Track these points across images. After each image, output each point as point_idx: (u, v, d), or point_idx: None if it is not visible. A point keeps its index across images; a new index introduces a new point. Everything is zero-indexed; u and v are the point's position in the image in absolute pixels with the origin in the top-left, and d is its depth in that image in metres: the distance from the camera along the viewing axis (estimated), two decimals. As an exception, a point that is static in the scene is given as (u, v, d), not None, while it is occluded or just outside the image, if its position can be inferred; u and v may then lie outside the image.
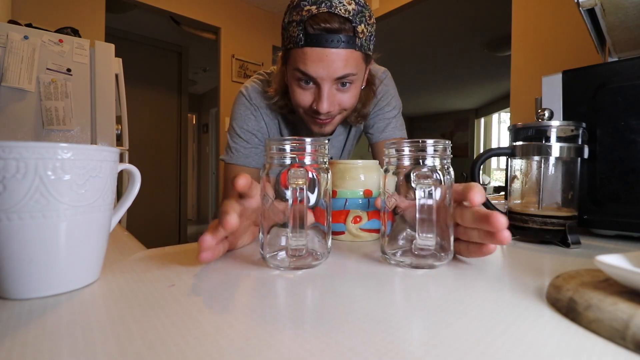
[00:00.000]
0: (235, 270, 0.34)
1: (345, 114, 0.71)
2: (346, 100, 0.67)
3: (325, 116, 0.67)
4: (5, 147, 0.24)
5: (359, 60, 0.63)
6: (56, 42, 1.69)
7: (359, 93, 0.70)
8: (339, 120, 0.71)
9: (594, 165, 0.50)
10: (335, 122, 0.71)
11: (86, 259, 0.29)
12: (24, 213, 0.24)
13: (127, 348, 0.19)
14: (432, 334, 0.21)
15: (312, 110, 0.67)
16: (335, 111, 0.67)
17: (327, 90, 0.63)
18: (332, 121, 0.69)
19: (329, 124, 0.70)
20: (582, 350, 0.19)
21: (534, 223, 0.46)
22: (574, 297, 0.24)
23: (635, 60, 0.47)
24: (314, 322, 0.23)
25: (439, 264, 0.35)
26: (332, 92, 0.64)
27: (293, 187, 0.33)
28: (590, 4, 0.59)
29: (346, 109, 0.69)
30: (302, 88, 0.65)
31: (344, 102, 0.67)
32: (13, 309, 0.24)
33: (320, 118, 0.67)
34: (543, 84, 0.56)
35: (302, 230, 0.33)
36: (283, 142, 0.34)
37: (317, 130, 0.71)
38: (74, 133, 1.74)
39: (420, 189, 0.33)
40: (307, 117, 0.70)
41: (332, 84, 0.63)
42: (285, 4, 0.73)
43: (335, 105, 0.66)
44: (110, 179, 0.30)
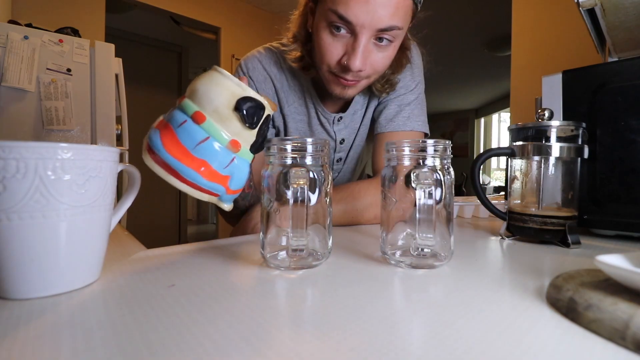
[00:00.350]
0: (236, 270, 0.34)
1: (372, 79, 0.61)
2: (380, 62, 0.57)
3: (353, 76, 0.57)
4: (5, 147, 0.24)
5: (408, 11, 0.53)
6: (56, 42, 1.69)
7: (393, 56, 0.60)
8: (364, 85, 0.61)
9: (594, 165, 0.50)
10: (359, 87, 0.61)
11: (86, 259, 0.29)
12: (24, 213, 0.24)
13: (127, 348, 0.19)
14: (432, 334, 0.21)
15: (339, 67, 0.56)
16: (366, 73, 0.57)
17: (364, 43, 0.53)
18: (357, 84, 0.59)
19: (354, 86, 0.59)
20: (582, 350, 0.19)
21: (534, 223, 0.46)
22: (574, 297, 0.24)
23: (635, 60, 0.47)
24: (314, 322, 0.23)
25: (439, 264, 0.35)
26: (368, 47, 0.54)
27: (294, 187, 0.32)
28: (590, 4, 0.59)
29: (377, 72, 0.59)
30: (333, 36, 0.54)
31: (377, 63, 0.56)
32: (13, 309, 0.24)
33: (347, 78, 0.57)
34: (543, 84, 0.56)
35: (302, 230, 0.33)
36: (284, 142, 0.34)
37: (338, 92, 0.61)
38: (74, 133, 1.74)
39: (420, 189, 0.33)
40: (330, 75, 0.59)
41: (371, 37, 0.53)
42: (285, 5, 0.70)
43: (368, 65, 0.56)
44: (110, 179, 0.30)
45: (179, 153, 0.33)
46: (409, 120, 0.71)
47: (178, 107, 0.35)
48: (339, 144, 0.77)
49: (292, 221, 0.33)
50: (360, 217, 0.62)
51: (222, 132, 0.34)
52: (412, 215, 0.35)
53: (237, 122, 0.34)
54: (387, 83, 0.68)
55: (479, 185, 0.51)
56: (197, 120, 0.33)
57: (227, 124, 0.34)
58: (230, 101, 0.34)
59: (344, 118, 0.74)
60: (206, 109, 0.33)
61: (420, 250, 0.35)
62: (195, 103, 0.34)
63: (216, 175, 0.35)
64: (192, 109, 0.34)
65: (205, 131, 0.33)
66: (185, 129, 0.33)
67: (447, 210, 0.36)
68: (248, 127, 0.35)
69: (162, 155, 0.33)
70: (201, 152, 0.33)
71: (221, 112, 0.34)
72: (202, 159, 0.33)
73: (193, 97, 0.34)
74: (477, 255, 0.41)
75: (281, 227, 0.35)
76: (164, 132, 0.33)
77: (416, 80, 0.73)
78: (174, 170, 0.33)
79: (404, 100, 0.71)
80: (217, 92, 0.34)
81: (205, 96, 0.33)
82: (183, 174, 0.33)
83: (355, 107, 0.74)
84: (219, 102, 0.33)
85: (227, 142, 0.34)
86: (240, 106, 0.34)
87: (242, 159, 0.36)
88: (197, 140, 0.33)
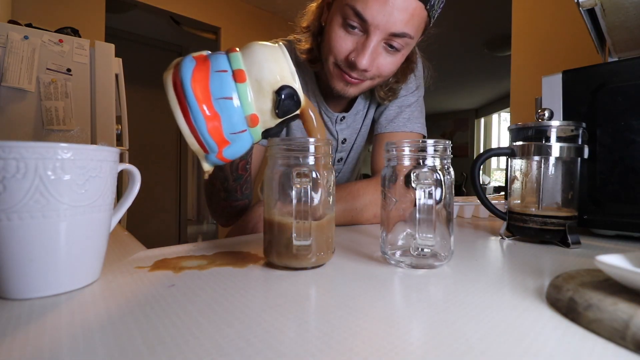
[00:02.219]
0: (236, 270, 0.34)
1: (376, 82, 0.62)
2: (386, 66, 0.58)
3: (358, 74, 0.57)
4: (5, 147, 0.24)
5: (421, 22, 0.54)
6: (56, 42, 1.69)
7: (400, 64, 0.61)
8: (366, 87, 0.62)
9: (594, 165, 0.50)
10: (361, 87, 0.61)
11: (86, 259, 0.29)
12: (24, 213, 0.24)
13: (127, 348, 0.19)
14: (432, 334, 0.21)
15: (346, 62, 0.57)
16: (371, 74, 0.58)
17: (374, 44, 0.54)
18: (360, 84, 0.60)
19: (356, 85, 0.60)
20: (582, 350, 0.19)
21: (534, 223, 0.46)
22: (574, 297, 0.24)
23: (635, 60, 0.47)
24: (314, 322, 0.23)
25: (439, 264, 0.35)
26: (378, 49, 0.55)
27: (297, 187, 0.32)
28: (590, 4, 0.59)
29: (381, 76, 0.60)
30: (347, 32, 0.55)
31: (383, 67, 0.57)
32: (13, 309, 0.24)
33: (352, 75, 0.58)
34: (543, 84, 0.56)
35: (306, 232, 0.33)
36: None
37: (340, 89, 0.61)
38: (74, 133, 1.74)
39: (420, 189, 0.33)
40: (335, 69, 0.60)
41: (382, 39, 0.54)
42: (285, 5, 0.70)
43: (374, 67, 0.57)
44: (110, 179, 0.30)
45: (201, 94, 0.31)
46: (409, 121, 0.72)
47: (226, 54, 0.34)
48: (340, 143, 0.78)
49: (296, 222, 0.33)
50: (360, 216, 0.62)
51: (250, 102, 0.33)
52: (412, 215, 0.35)
53: (269, 103, 0.34)
54: (390, 91, 0.69)
55: (479, 185, 0.51)
56: (236, 78, 0.32)
57: (259, 98, 0.33)
58: (276, 82, 0.33)
59: (346, 118, 0.75)
60: (251, 73, 0.33)
61: (420, 250, 0.35)
62: (244, 62, 0.33)
63: (219, 134, 0.33)
64: (239, 65, 0.33)
65: (237, 91, 0.32)
66: (221, 77, 0.32)
67: (447, 210, 0.36)
68: (276, 114, 0.34)
69: (184, 85, 0.31)
70: (221, 106, 0.32)
71: (263, 85, 0.33)
72: (218, 113, 0.32)
73: (246, 57, 0.33)
74: (477, 255, 0.41)
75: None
76: (200, 66, 0.32)
77: (417, 83, 0.74)
78: (185, 106, 0.32)
79: (405, 102, 0.72)
80: (271, 68, 0.33)
81: (259, 64, 0.33)
82: (192, 114, 0.32)
83: (357, 107, 0.74)
84: (266, 76, 0.33)
85: (249, 113, 0.33)
86: (281, 92, 0.33)
87: (250, 136, 0.35)
88: (224, 94, 0.32)
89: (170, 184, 3.76)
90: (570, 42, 1.62)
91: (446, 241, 0.36)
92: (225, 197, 0.59)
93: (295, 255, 0.34)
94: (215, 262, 0.36)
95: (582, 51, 1.55)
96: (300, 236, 0.33)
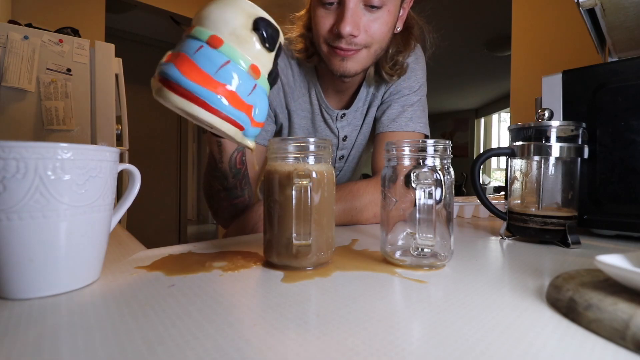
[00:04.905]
0: (235, 271, 0.34)
1: (372, 50, 0.61)
2: (375, 28, 0.57)
3: (347, 43, 0.57)
4: (5, 147, 0.24)
5: None
6: (56, 42, 1.69)
7: (392, 25, 0.60)
8: (364, 58, 0.61)
9: (594, 165, 0.50)
10: (360, 59, 0.60)
11: (86, 259, 0.29)
12: (24, 213, 0.24)
13: (127, 348, 0.19)
14: (432, 334, 0.21)
15: (332, 36, 0.58)
16: (362, 39, 0.58)
17: (351, 7, 0.54)
18: (356, 55, 0.59)
19: (352, 57, 0.59)
20: (582, 350, 0.19)
21: (534, 223, 0.46)
22: (574, 297, 0.24)
23: (635, 60, 0.47)
24: (314, 322, 0.23)
25: (439, 264, 0.35)
26: (357, 11, 0.55)
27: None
28: (590, 4, 0.59)
29: (374, 39, 0.59)
30: (326, 9, 0.57)
31: (371, 28, 0.57)
32: (13, 309, 0.24)
33: (342, 46, 0.57)
34: (543, 84, 0.56)
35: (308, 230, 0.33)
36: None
37: (338, 67, 0.61)
38: (74, 133, 1.74)
39: (420, 189, 0.33)
40: (328, 48, 0.60)
41: (358, 1, 0.55)
42: (285, 5, 0.70)
43: (361, 30, 0.57)
44: (110, 179, 0.30)
45: (202, 78, 0.29)
46: (411, 121, 0.71)
47: (188, 35, 0.32)
48: (341, 141, 0.78)
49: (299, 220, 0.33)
50: (360, 215, 0.62)
51: (242, 55, 0.31)
52: (412, 215, 0.35)
53: (256, 43, 0.32)
54: (395, 65, 0.67)
55: (479, 185, 0.51)
56: (214, 44, 0.30)
57: (246, 47, 0.31)
58: (247, 21, 0.31)
59: (347, 115, 0.74)
60: (222, 32, 0.31)
61: (420, 250, 0.35)
62: (208, 28, 0.31)
63: (241, 102, 0.32)
64: (207, 34, 0.31)
65: (225, 55, 0.30)
66: (204, 53, 0.30)
67: (447, 210, 0.36)
68: (268, 48, 0.33)
69: (183, 84, 0.29)
70: (223, 76, 0.30)
71: (239, 33, 0.31)
72: (226, 83, 0.30)
73: (205, 23, 0.31)
74: (477, 255, 0.41)
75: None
76: (179, 61, 0.30)
77: (419, 82, 0.74)
78: (197, 99, 0.30)
79: (407, 101, 0.72)
80: (234, 13, 0.31)
81: (220, 19, 0.31)
82: (209, 100, 0.30)
83: (358, 104, 0.74)
84: (236, 23, 0.31)
85: (248, 66, 0.32)
86: (258, 26, 0.31)
87: (261, 88, 0.34)
88: (218, 65, 0.30)
89: (170, 184, 3.75)
90: (570, 42, 1.62)
91: (446, 241, 0.36)
92: (225, 197, 0.59)
93: (295, 255, 0.34)
94: (215, 262, 0.36)
95: (582, 51, 1.55)
96: (300, 236, 0.33)
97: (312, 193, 0.33)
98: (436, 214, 0.34)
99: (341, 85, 0.71)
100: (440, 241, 0.36)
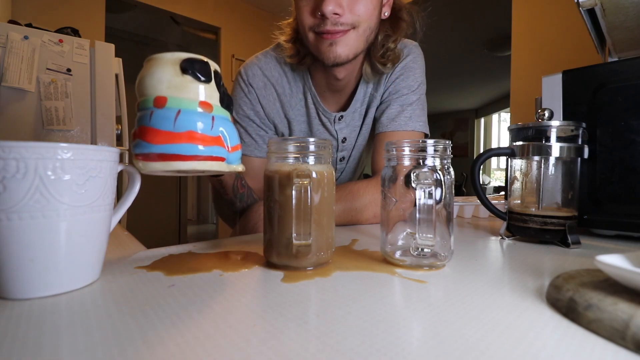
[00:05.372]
0: (235, 271, 0.34)
1: (361, 31, 0.60)
2: (359, 5, 0.57)
3: (333, 24, 0.56)
4: (5, 147, 0.24)
5: None
6: (56, 42, 1.69)
7: (377, 4, 0.60)
8: (353, 40, 0.60)
9: (594, 165, 0.50)
10: (348, 41, 0.59)
11: (86, 259, 0.29)
12: (24, 213, 0.24)
13: (127, 348, 0.19)
14: (432, 334, 0.21)
15: (317, 22, 0.57)
16: (346, 18, 0.57)
17: None
18: (344, 37, 0.58)
19: (341, 40, 0.58)
20: (582, 350, 0.19)
21: (534, 223, 0.46)
22: (574, 297, 0.24)
23: (635, 60, 0.47)
24: (314, 322, 0.23)
25: (439, 264, 0.35)
26: None
27: None
28: (590, 4, 0.59)
29: (360, 18, 0.58)
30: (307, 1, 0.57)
31: (355, 6, 0.56)
32: (13, 309, 0.24)
33: (327, 29, 0.57)
34: (543, 84, 0.56)
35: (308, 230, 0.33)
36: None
37: (328, 54, 0.60)
38: (74, 133, 1.74)
39: (420, 189, 0.33)
40: (315, 36, 0.59)
41: None
42: (285, 5, 0.70)
43: (344, 9, 0.56)
44: (110, 179, 0.30)
45: (165, 137, 0.32)
46: (410, 120, 0.71)
47: (139, 109, 0.35)
48: (341, 142, 0.78)
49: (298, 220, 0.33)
50: (360, 216, 0.62)
51: (187, 99, 0.33)
52: (412, 215, 0.35)
53: (193, 84, 0.34)
54: (387, 52, 0.67)
55: (479, 185, 0.51)
56: (160, 104, 0.33)
57: (186, 91, 0.33)
58: (175, 69, 0.33)
59: (345, 117, 0.74)
60: (161, 90, 0.33)
61: (420, 250, 0.35)
62: (149, 94, 0.33)
63: (208, 138, 0.34)
64: (150, 99, 0.33)
65: (173, 107, 0.33)
66: (156, 116, 0.32)
67: (447, 210, 0.36)
68: (205, 81, 0.34)
69: (152, 150, 0.32)
70: (181, 125, 0.32)
71: (174, 83, 0.33)
72: (187, 130, 0.33)
73: (145, 92, 0.34)
74: (477, 255, 0.41)
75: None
76: (142, 133, 0.33)
77: (418, 81, 0.73)
78: (172, 155, 0.32)
79: (407, 100, 0.72)
80: (161, 70, 0.33)
81: (154, 81, 0.33)
82: (181, 152, 0.32)
83: (355, 105, 0.74)
84: (167, 77, 0.33)
85: (196, 104, 0.34)
86: (186, 67, 0.33)
87: (220, 117, 0.36)
88: (172, 119, 0.32)
89: (171, 184, 3.75)
90: (570, 42, 1.62)
91: (446, 241, 0.36)
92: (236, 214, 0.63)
93: (295, 255, 0.34)
94: (215, 262, 0.36)
95: (582, 51, 1.55)
96: (300, 236, 0.33)
97: (312, 193, 0.33)
98: (436, 214, 0.34)
99: (336, 85, 0.71)
100: (440, 241, 0.36)
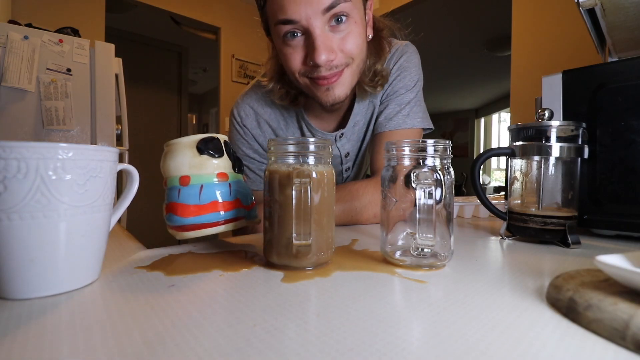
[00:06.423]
0: (235, 271, 0.34)
1: (355, 67, 0.58)
2: (348, 43, 0.54)
3: (327, 70, 0.54)
4: (6, 147, 0.24)
5: None
6: (56, 42, 1.69)
7: (364, 34, 0.57)
8: (349, 77, 0.58)
9: (594, 165, 0.50)
10: (345, 81, 0.57)
11: (86, 259, 0.29)
12: (24, 213, 0.24)
13: (127, 348, 0.19)
14: (432, 334, 0.21)
15: (308, 68, 0.55)
16: (339, 59, 0.54)
17: (319, 34, 0.51)
18: (339, 79, 0.56)
19: (337, 82, 0.56)
20: (582, 350, 0.19)
21: (534, 223, 0.46)
22: (574, 297, 0.24)
23: (635, 60, 0.47)
24: (314, 322, 0.23)
25: (439, 264, 0.35)
26: (326, 35, 0.52)
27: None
28: (590, 4, 0.59)
29: (353, 55, 0.56)
30: (291, 46, 0.54)
31: (346, 46, 0.54)
32: (13, 309, 0.24)
33: (322, 75, 0.54)
34: (543, 84, 0.56)
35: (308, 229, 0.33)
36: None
37: (325, 99, 0.58)
38: (74, 133, 1.74)
39: (420, 189, 0.33)
40: (310, 83, 0.57)
41: (323, 23, 0.51)
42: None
43: (336, 52, 0.54)
44: (110, 179, 0.30)
45: (194, 210, 0.39)
46: (408, 117, 0.70)
47: (167, 188, 0.41)
48: (344, 157, 0.78)
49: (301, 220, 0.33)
50: (360, 216, 0.62)
51: (206, 175, 0.40)
52: (412, 215, 0.35)
53: (209, 160, 0.41)
54: (376, 75, 0.65)
55: (479, 185, 0.51)
56: (185, 182, 0.40)
57: (205, 167, 0.40)
58: (193, 151, 0.40)
59: (345, 133, 0.74)
60: (184, 170, 0.40)
61: (420, 250, 0.35)
62: (175, 175, 0.40)
63: (229, 204, 0.41)
64: (176, 179, 0.40)
65: (196, 184, 0.40)
66: (183, 193, 0.40)
67: (447, 210, 0.36)
68: (218, 157, 0.41)
69: (184, 222, 0.39)
70: (206, 198, 0.40)
71: (194, 163, 0.40)
72: (211, 201, 0.40)
73: (169, 173, 0.41)
74: (477, 255, 0.41)
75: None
76: (173, 208, 0.40)
77: (414, 80, 0.73)
78: (202, 225, 0.40)
79: (404, 99, 0.71)
80: (181, 154, 0.40)
81: (177, 164, 0.40)
82: (209, 220, 0.40)
83: (355, 118, 0.73)
84: (187, 159, 0.40)
85: (214, 177, 0.41)
86: (201, 148, 0.40)
87: (235, 182, 0.43)
88: (197, 194, 0.40)
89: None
90: (570, 42, 1.62)
91: (446, 241, 0.36)
92: None
93: (295, 255, 0.34)
94: (215, 262, 0.36)
95: (582, 51, 1.55)
96: (300, 236, 0.33)
97: (312, 193, 0.33)
98: (436, 214, 0.34)
99: (332, 109, 0.70)
100: (440, 241, 0.36)
